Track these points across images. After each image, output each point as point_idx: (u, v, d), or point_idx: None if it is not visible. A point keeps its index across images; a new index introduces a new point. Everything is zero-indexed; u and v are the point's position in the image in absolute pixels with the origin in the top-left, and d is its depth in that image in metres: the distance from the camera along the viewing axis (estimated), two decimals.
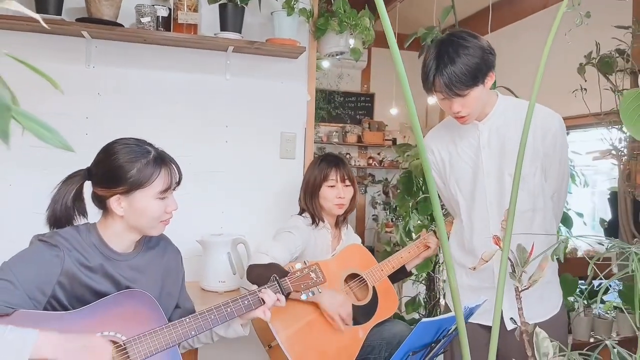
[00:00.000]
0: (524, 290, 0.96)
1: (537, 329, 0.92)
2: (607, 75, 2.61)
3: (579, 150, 3.27)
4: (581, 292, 2.69)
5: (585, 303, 2.66)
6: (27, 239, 1.24)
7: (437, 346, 1.22)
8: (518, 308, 0.98)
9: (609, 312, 2.68)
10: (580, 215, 3.29)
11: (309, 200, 1.91)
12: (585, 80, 2.65)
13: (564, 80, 2.67)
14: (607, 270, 0.95)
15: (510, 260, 0.97)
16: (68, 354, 1.08)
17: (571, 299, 2.66)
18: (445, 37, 1.45)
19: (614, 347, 0.77)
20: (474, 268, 1.58)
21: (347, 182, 1.92)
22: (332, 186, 1.89)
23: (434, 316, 2.43)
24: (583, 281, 2.66)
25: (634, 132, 1.13)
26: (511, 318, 1.56)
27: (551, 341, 0.88)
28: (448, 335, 1.22)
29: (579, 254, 3.14)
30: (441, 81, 1.38)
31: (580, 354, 0.82)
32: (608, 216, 3.07)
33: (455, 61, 1.37)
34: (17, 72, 0.46)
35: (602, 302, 2.72)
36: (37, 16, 0.51)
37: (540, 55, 0.71)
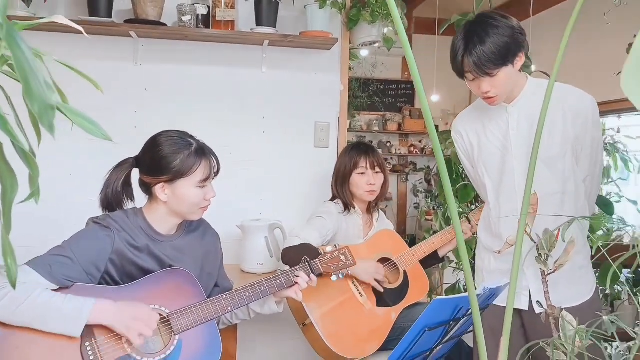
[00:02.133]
0: (550, 274, 0.98)
1: (564, 312, 0.94)
2: None
3: (632, 135, 3.12)
4: (627, 280, 2.61)
5: (630, 292, 2.59)
6: (83, 222, 1.40)
7: (458, 325, 1.27)
8: (544, 291, 1.00)
9: None
10: (634, 203, 3.15)
11: (340, 188, 1.98)
12: None
13: (613, 62, 2.56)
14: None
15: (535, 243, 0.99)
16: (122, 320, 1.23)
17: (617, 287, 2.59)
18: (475, 18, 1.43)
19: None
20: (499, 252, 1.60)
21: (377, 169, 1.97)
22: (362, 173, 1.95)
23: None
24: (628, 269, 2.57)
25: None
26: (537, 301, 1.57)
27: (579, 325, 0.89)
28: (468, 315, 1.26)
29: (625, 240, 3.03)
30: (470, 61, 1.37)
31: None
32: None
33: (484, 40, 1.36)
34: (75, 71, 0.56)
35: None
36: (80, 28, 0.61)
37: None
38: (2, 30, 0.36)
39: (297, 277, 1.49)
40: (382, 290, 1.83)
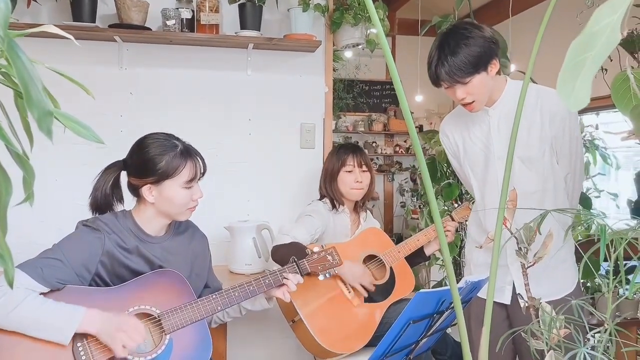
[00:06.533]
0: (529, 267, 1.03)
1: (543, 304, 0.98)
2: (633, 54, 2.56)
3: (611, 131, 3.20)
4: (606, 273, 2.68)
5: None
6: (72, 226, 1.41)
7: (442, 318, 1.31)
8: (525, 284, 1.05)
9: (637, 293, 2.66)
10: (614, 195, 3.23)
11: (329, 186, 2.02)
12: (611, 60, 2.61)
13: None
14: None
15: (516, 238, 1.04)
16: (108, 331, 1.24)
17: (597, 280, 2.65)
18: (448, 29, 1.51)
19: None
20: (481, 246, 1.66)
21: (364, 168, 2.02)
22: (349, 171, 1.99)
23: None
24: (608, 262, 2.64)
25: (625, 112, 1.17)
26: (518, 294, 1.62)
27: (558, 316, 0.94)
28: (452, 307, 1.31)
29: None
30: (442, 71, 1.45)
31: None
32: None
33: (455, 52, 1.43)
34: (60, 77, 0.58)
35: (627, 282, 2.69)
36: (70, 36, 0.64)
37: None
38: (3, 43, 0.39)
39: (287, 279, 1.52)
40: (366, 295, 1.86)
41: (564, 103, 0.39)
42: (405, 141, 5.89)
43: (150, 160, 1.38)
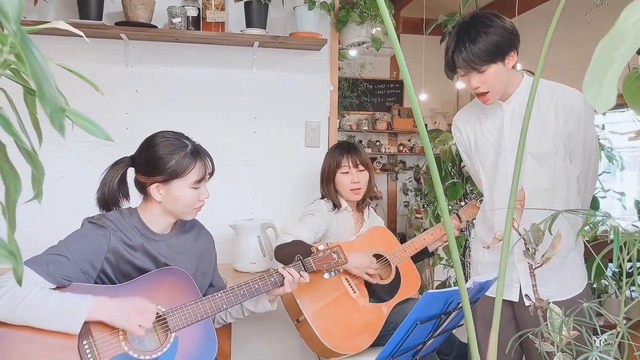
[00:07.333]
0: (537, 267, 1.02)
1: (551, 305, 0.97)
2: None
3: (617, 131, 3.18)
4: (613, 274, 2.67)
5: (616, 285, 2.64)
6: (78, 223, 1.41)
7: (449, 318, 1.30)
8: (532, 284, 1.04)
9: None
10: (621, 194, 3.22)
11: (326, 188, 2.01)
12: None
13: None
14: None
15: (524, 238, 1.03)
16: (120, 315, 1.25)
17: (604, 282, 2.64)
18: (469, 18, 1.50)
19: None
20: (488, 246, 1.65)
21: (361, 167, 1.99)
22: (346, 172, 1.97)
23: None
24: (614, 264, 2.62)
25: (637, 110, 1.16)
26: (526, 295, 1.61)
27: (565, 316, 0.92)
28: (459, 308, 1.30)
29: (612, 236, 3.09)
30: (460, 57, 1.44)
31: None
32: None
33: (474, 39, 1.42)
34: (67, 74, 0.57)
35: (634, 284, 2.68)
36: (81, 33, 0.63)
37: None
38: (16, 37, 0.38)
39: (290, 275, 1.51)
40: (374, 282, 1.85)
41: (591, 103, 0.38)
42: (409, 140, 5.88)
43: (159, 159, 1.37)
